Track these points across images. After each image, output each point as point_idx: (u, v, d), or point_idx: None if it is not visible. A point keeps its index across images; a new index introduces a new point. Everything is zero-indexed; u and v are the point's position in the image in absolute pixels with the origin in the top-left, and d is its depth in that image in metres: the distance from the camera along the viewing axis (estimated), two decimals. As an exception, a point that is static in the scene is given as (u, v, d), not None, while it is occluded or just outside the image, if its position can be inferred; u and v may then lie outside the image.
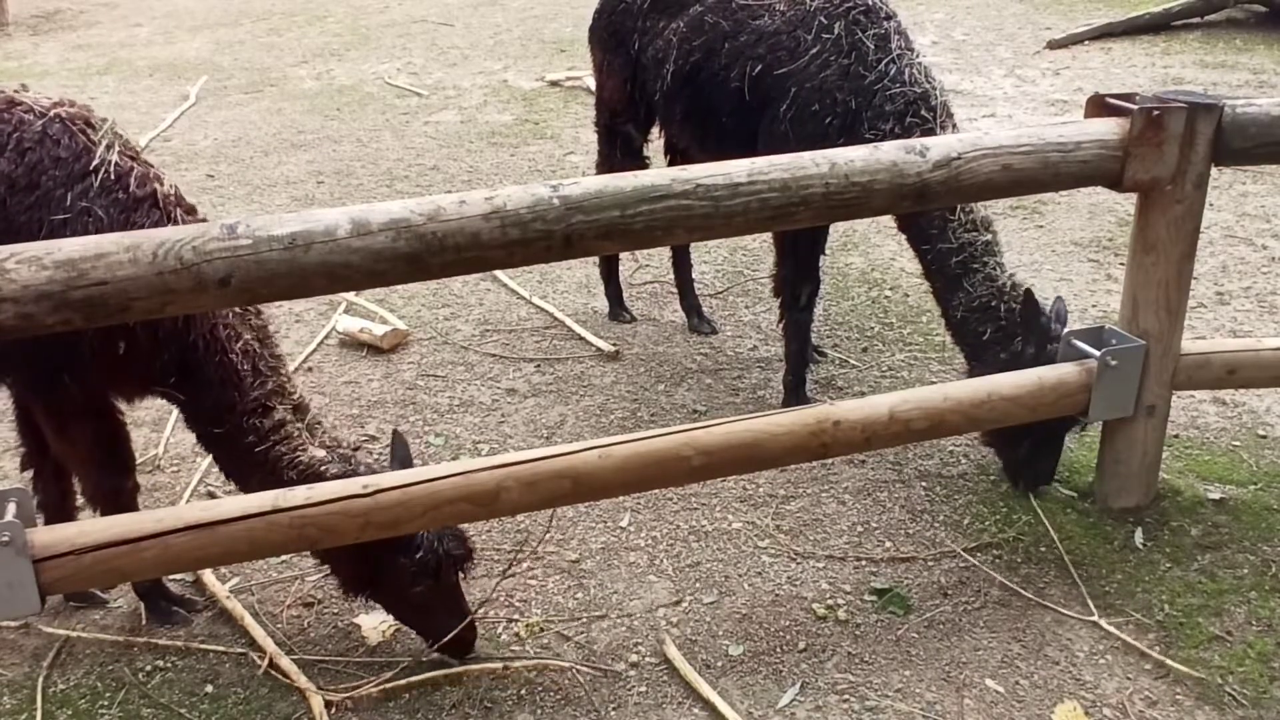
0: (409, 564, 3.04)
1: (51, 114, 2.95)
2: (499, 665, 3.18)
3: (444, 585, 3.12)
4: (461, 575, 3.19)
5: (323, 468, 3.06)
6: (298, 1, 13.79)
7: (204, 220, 3.06)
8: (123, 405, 3.28)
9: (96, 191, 2.90)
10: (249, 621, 3.34)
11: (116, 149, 2.97)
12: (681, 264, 5.33)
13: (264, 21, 12.72)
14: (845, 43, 4.01)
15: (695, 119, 4.54)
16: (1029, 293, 3.71)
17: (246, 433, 3.05)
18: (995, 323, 3.81)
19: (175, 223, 2.91)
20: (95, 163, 2.91)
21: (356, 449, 3.26)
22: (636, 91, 4.75)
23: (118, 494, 3.26)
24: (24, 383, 3.15)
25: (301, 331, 5.30)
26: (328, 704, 3.04)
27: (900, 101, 3.93)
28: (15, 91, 3.04)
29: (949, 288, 3.96)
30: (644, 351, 5.07)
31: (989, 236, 3.91)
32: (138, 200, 2.93)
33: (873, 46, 3.99)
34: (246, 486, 3.16)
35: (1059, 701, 3.02)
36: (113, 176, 2.92)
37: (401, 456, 3.21)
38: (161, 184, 2.99)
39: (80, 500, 3.42)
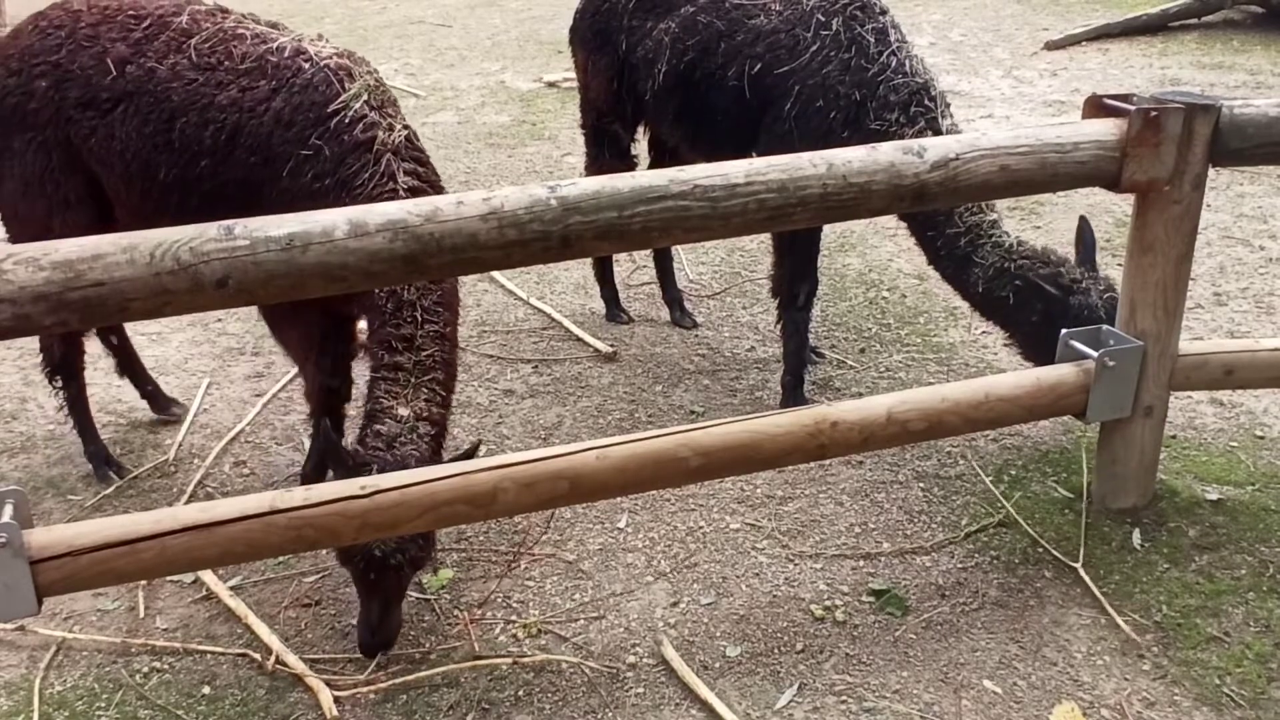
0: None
1: (323, 63, 3.42)
2: (508, 660, 3.18)
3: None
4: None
5: (384, 422, 3.13)
6: (295, 3, 13.77)
7: (426, 172, 3.38)
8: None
9: (330, 133, 3.32)
10: (253, 620, 3.35)
11: (364, 99, 3.35)
12: (663, 256, 5.35)
13: (261, 22, 12.69)
14: (844, 38, 4.07)
15: (689, 118, 4.54)
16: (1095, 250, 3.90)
17: (374, 358, 3.29)
18: (1013, 283, 3.94)
19: (382, 168, 3.27)
20: (334, 107, 3.33)
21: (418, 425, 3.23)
22: (624, 91, 4.76)
23: (328, 393, 3.72)
24: None
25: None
26: (336, 700, 3.04)
27: (904, 92, 4.00)
28: (310, 41, 3.54)
29: (962, 267, 4.06)
30: (641, 352, 5.07)
31: (994, 216, 4.04)
32: (357, 144, 3.31)
33: (873, 40, 4.05)
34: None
35: (1057, 702, 3.02)
36: (346, 122, 3.32)
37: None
38: (390, 133, 3.33)
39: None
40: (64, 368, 4.12)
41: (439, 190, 3.37)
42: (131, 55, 3.56)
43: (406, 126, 3.42)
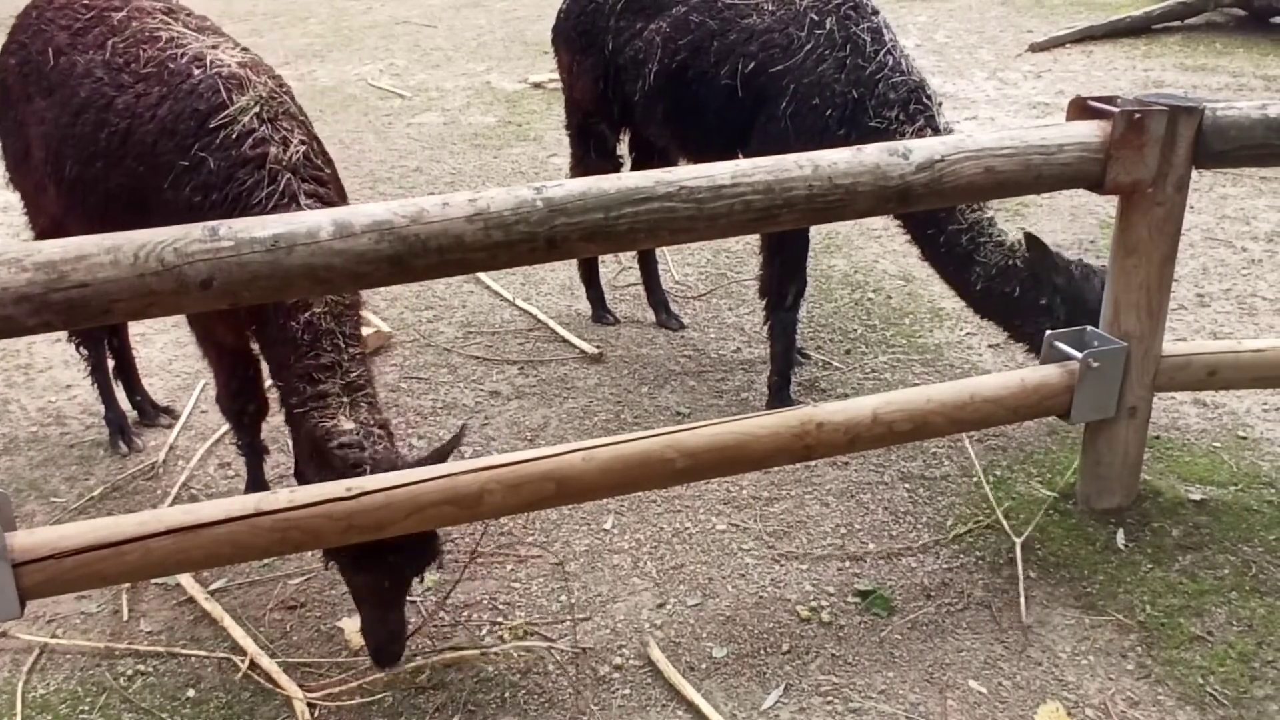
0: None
1: (214, 71, 3.26)
2: (478, 651, 3.17)
3: (364, 582, 3.05)
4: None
5: (341, 439, 3.04)
6: (280, 2, 13.74)
7: (327, 193, 3.23)
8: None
9: (216, 146, 3.15)
10: (229, 622, 3.33)
11: (254, 111, 3.19)
12: (648, 258, 5.35)
13: (245, 22, 12.65)
14: (839, 37, 4.10)
15: (679, 118, 4.54)
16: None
17: (293, 394, 3.17)
18: (1020, 278, 3.99)
19: (280, 186, 3.11)
20: (220, 119, 3.17)
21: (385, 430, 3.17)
22: (610, 91, 4.75)
23: (238, 415, 3.69)
24: None
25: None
26: (310, 705, 3.02)
27: (903, 90, 4.05)
28: (224, 49, 3.39)
29: (962, 265, 4.10)
30: (627, 354, 5.07)
31: (990, 213, 4.09)
32: (246, 159, 3.14)
33: (868, 39, 4.08)
34: (293, 442, 3.34)
35: (1042, 702, 3.03)
36: (234, 135, 3.15)
37: (444, 449, 3.11)
38: (285, 149, 3.18)
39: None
40: (87, 333, 4.19)
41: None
42: (67, 46, 3.53)
43: (305, 141, 3.25)
